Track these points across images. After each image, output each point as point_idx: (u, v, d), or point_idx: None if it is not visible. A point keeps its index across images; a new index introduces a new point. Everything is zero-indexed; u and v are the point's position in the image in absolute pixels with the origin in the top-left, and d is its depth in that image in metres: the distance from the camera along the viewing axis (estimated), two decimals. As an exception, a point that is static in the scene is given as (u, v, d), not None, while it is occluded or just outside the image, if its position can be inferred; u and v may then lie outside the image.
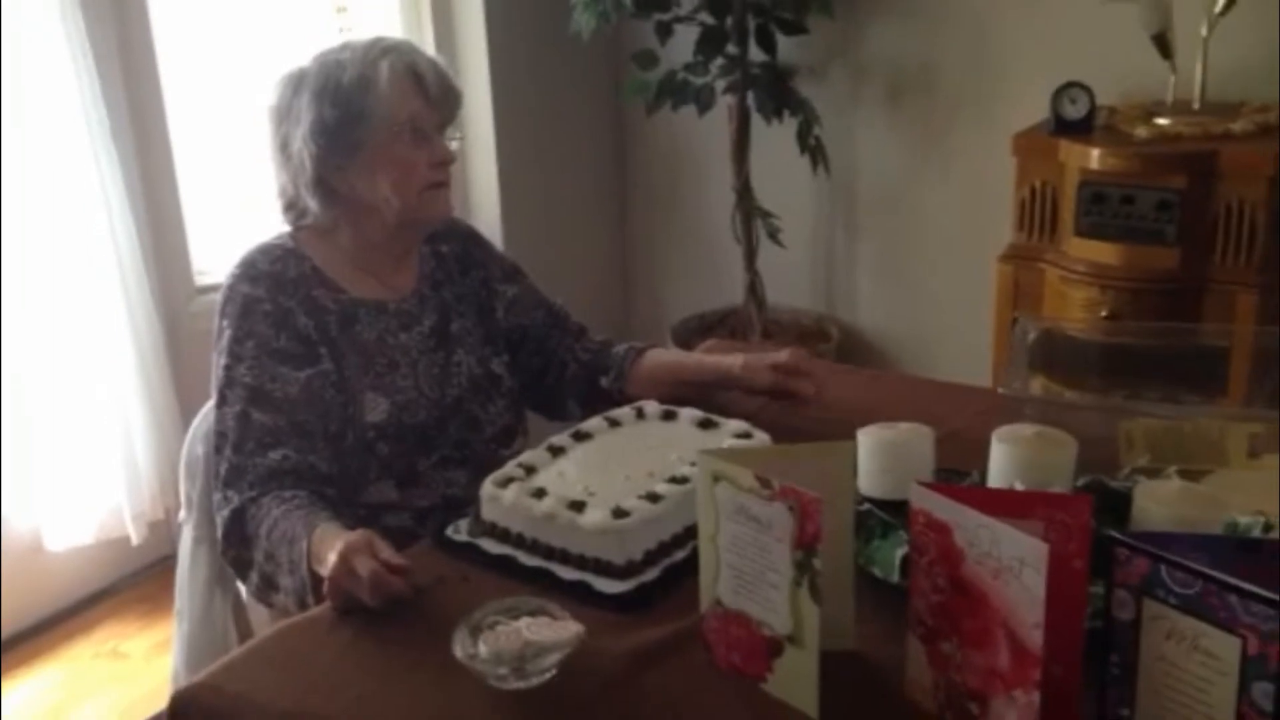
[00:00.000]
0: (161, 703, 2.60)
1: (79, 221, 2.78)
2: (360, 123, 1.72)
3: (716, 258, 3.74)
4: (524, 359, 1.98)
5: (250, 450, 1.67)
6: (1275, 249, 2.71)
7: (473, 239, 2.00)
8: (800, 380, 1.82)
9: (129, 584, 3.07)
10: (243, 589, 1.83)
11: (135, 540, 2.94)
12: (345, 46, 1.78)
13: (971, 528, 1.10)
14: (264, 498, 1.63)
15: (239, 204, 3.23)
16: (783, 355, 1.84)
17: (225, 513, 1.66)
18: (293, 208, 1.82)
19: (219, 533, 1.68)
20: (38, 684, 2.72)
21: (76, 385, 2.85)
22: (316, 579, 1.52)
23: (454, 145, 1.84)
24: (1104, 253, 2.73)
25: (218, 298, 1.79)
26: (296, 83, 1.76)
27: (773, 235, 3.41)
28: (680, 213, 3.87)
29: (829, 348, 3.50)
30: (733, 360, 1.87)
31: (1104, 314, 2.73)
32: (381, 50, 1.75)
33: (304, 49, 3.09)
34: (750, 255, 3.47)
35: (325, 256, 1.81)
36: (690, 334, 3.61)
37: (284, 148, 1.78)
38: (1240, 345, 2.60)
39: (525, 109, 3.50)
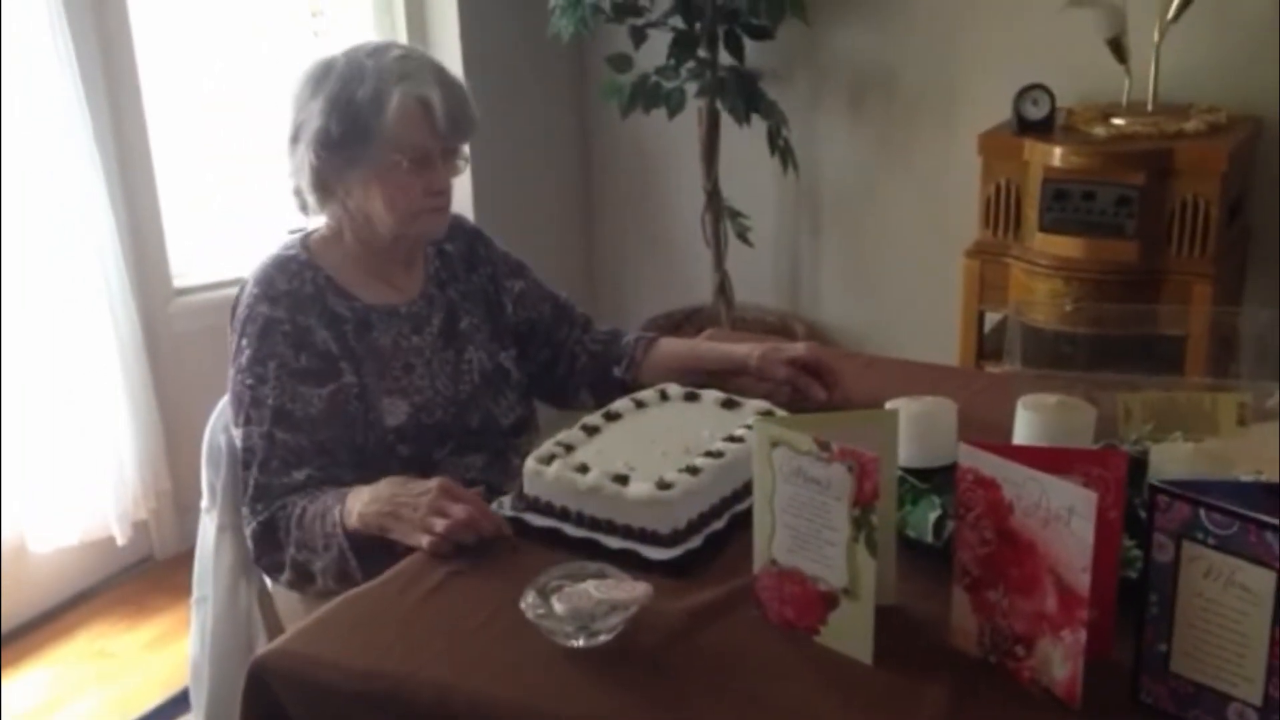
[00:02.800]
0: (151, 700, 2.67)
1: (62, 225, 2.80)
2: (362, 143, 1.75)
3: (683, 257, 3.83)
4: (534, 351, 2.04)
5: (275, 469, 1.71)
6: (1227, 242, 2.86)
7: (477, 237, 2.03)
8: (812, 383, 1.87)
9: (112, 584, 3.07)
10: (267, 578, 1.88)
11: (120, 541, 2.95)
12: (376, 52, 1.79)
13: (1020, 481, 1.19)
14: (290, 501, 1.69)
15: (215, 207, 3.25)
16: (799, 349, 1.89)
17: (254, 526, 1.71)
18: (299, 195, 1.85)
19: (250, 544, 1.73)
20: (26, 685, 2.72)
21: (60, 388, 2.86)
22: (355, 541, 1.60)
23: (460, 165, 1.85)
24: (1067, 247, 2.86)
25: (237, 314, 1.82)
26: (319, 79, 1.78)
27: (742, 235, 3.51)
28: (648, 213, 3.95)
29: (794, 345, 3.60)
30: (748, 350, 1.91)
31: (1068, 306, 2.86)
32: (399, 75, 1.75)
33: (281, 53, 3.19)
34: (719, 255, 3.57)
35: (337, 264, 1.85)
36: (658, 332, 3.68)
37: (294, 140, 1.81)
38: (1197, 328, 2.76)
39: (497, 109, 3.55)
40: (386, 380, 1.81)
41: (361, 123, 1.73)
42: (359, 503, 1.61)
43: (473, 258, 2.00)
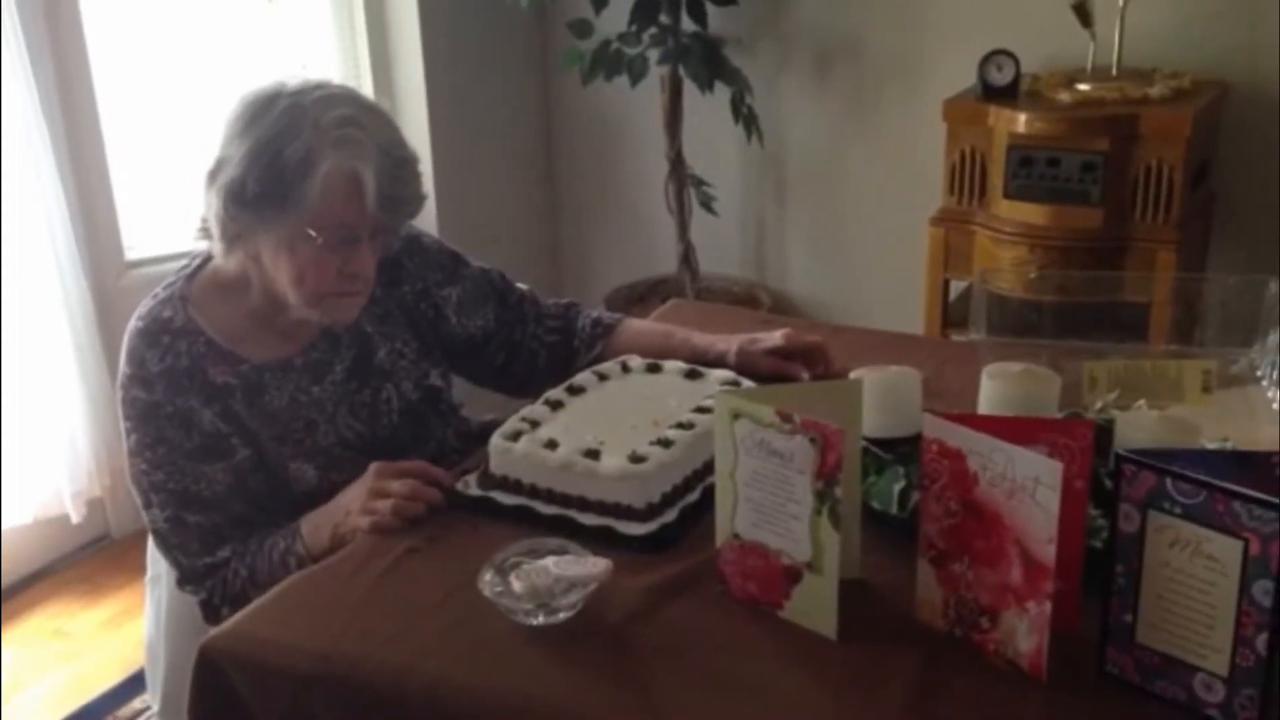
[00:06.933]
0: (109, 680, 2.63)
1: (8, 197, 2.72)
2: (278, 208, 1.53)
3: (647, 227, 3.79)
4: (490, 356, 1.90)
5: (196, 551, 1.63)
6: (1192, 208, 2.86)
7: (405, 246, 1.81)
8: (794, 365, 1.82)
9: (68, 563, 3.02)
10: None
11: (75, 519, 2.90)
12: (324, 101, 1.55)
13: (986, 452, 1.17)
14: (227, 571, 1.63)
15: (168, 177, 3.18)
16: (776, 339, 1.83)
17: (195, 602, 1.66)
18: (206, 232, 1.64)
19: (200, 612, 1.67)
20: (-20, 666, 2.68)
21: (9, 364, 2.79)
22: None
23: (392, 244, 1.71)
24: (1032, 214, 2.85)
25: (118, 385, 1.64)
26: (255, 116, 1.55)
27: (706, 204, 3.47)
28: (611, 182, 3.90)
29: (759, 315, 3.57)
30: (724, 348, 1.84)
31: (1033, 273, 2.85)
32: (336, 141, 1.53)
33: (234, 25, 3.12)
34: (683, 225, 3.53)
35: (221, 320, 1.66)
36: (622, 303, 3.65)
37: (211, 176, 1.57)
38: (1161, 295, 2.75)
39: (457, 77, 3.50)
40: (288, 445, 1.66)
41: (283, 186, 1.52)
42: (329, 530, 1.56)
43: (396, 271, 1.80)
